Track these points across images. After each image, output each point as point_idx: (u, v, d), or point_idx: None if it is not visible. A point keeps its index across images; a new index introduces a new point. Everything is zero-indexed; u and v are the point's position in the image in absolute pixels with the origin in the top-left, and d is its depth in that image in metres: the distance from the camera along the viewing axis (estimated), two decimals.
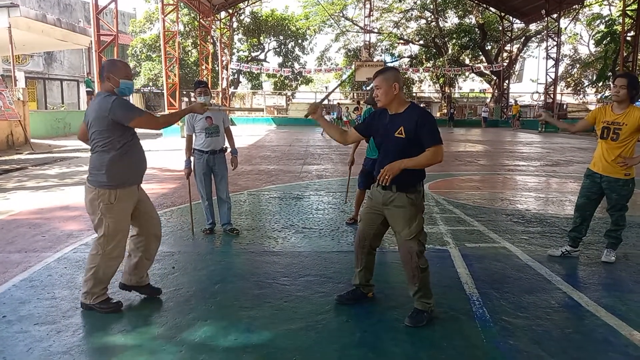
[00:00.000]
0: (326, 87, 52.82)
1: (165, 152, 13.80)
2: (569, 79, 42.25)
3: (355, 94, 38.44)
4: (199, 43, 29.73)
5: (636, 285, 3.84)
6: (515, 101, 33.24)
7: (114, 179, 3.13)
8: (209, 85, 5.22)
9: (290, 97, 40.01)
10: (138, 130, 3.32)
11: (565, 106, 32.99)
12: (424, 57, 41.13)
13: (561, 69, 35.68)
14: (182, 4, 26.86)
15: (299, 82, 42.92)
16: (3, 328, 3.00)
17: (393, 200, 3.06)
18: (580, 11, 34.64)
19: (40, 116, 19.70)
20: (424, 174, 3.12)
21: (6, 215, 6.05)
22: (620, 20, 22.18)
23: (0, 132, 13.86)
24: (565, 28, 34.98)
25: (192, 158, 5.17)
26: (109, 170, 3.11)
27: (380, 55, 41.54)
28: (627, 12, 20.86)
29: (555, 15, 28.97)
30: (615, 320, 3.19)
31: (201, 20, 28.27)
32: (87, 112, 3.21)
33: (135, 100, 35.32)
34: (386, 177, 2.94)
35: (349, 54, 41.78)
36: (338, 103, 31.24)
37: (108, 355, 2.73)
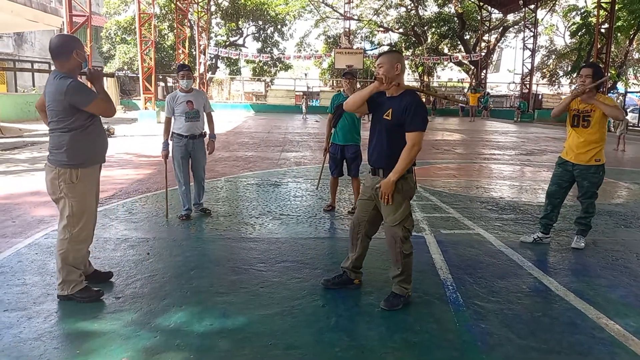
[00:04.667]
0: (305, 74, 52.53)
1: (141, 138, 13.55)
2: (544, 70, 42.89)
3: (334, 82, 38.33)
4: (175, 26, 29.08)
5: (604, 270, 3.96)
6: (474, 89, 32.29)
7: (74, 158, 3.06)
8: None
9: (269, 84, 39.63)
10: (115, 114, 3.24)
11: (540, 96, 33.53)
12: (403, 45, 41.14)
13: (537, 59, 36.20)
14: None
15: (278, 68, 42.50)
16: None
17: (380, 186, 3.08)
18: (556, 3, 35.12)
19: (10, 99, 19.11)
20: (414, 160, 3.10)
21: None
22: (595, 13, 22.56)
23: None
24: (542, 19, 35.43)
25: (169, 141, 5.09)
26: (69, 149, 3.04)
27: (360, 43, 41.43)
28: (602, 4, 21.22)
29: (532, 6, 29.34)
30: (583, 304, 3.29)
31: (178, 2, 27.65)
32: (45, 89, 3.10)
33: (110, 84, 34.51)
34: (386, 197, 3.00)
35: (328, 40, 41.49)
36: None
37: (80, 341, 2.69)
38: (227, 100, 35.07)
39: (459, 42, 39.14)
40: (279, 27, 40.86)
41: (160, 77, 34.93)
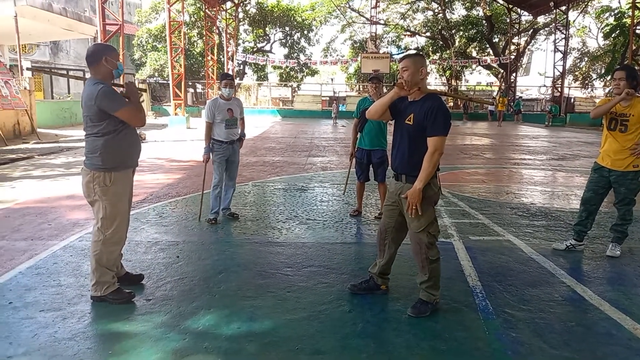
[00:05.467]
0: (332, 79, 52.64)
1: (171, 143, 13.82)
2: (576, 73, 41.89)
3: (361, 87, 38.29)
4: (204, 33, 29.63)
5: None
6: (502, 93, 32.40)
7: (108, 162, 3.16)
8: (215, 76, 5.27)
9: (296, 89, 39.90)
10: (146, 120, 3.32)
11: (572, 100, 32.72)
12: (430, 49, 40.85)
13: (569, 62, 35.44)
14: None
15: (305, 73, 42.77)
16: (9, 314, 3.03)
17: (403, 191, 3.06)
18: (589, 4, 34.23)
19: (47, 106, 19.76)
20: (437, 165, 3.05)
21: (12, 203, 6.09)
22: (630, 13, 21.90)
23: (7, 121, 13.92)
24: (574, 21, 34.61)
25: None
26: (103, 153, 3.14)
27: (387, 47, 41.34)
28: (637, 4, 20.59)
29: (563, 8, 28.68)
30: (618, 314, 3.18)
31: (207, 10, 28.18)
32: (82, 95, 3.21)
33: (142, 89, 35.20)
34: (413, 207, 2.96)
35: (354, 45, 41.55)
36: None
37: (112, 342, 2.76)
38: (255, 105, 35.45)
39: (487, 45, 38.60)
40: (305, 32, 41.17)
41: (190, 83, 35.63)
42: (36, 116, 15.72)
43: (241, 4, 35.34)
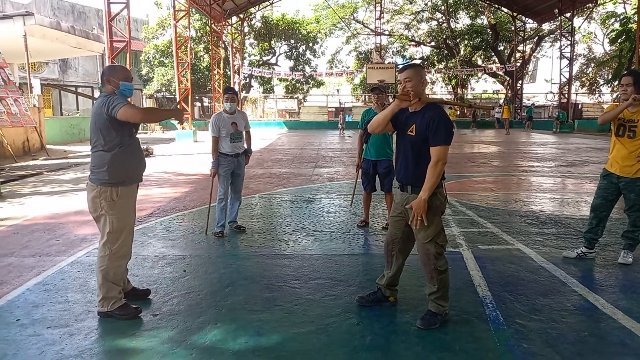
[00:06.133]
0: (337, 90, 52.87)
1: (178, 157, 13.90)
2: (583, 79, 41.73)
3: (366, 97, 38.40)
4: (210, 48, 29.93)
5: None
6: (507, 101, 32.67)
7: (115, 176, 3.19)
8: (221, 90, 5.32)
9: (302, 101, 40.09)
10: (152, 135, 3.35)
11: (580, 106, 32.55)
12: (435, 58, 40.96)
13: (575, 68, 35.34)
14: (193, 10, 27.09)
15: (310, 85, 43.01)
16: (17, 331, 3.03)
17: (409, 202, 3.03)
18: (594, 9, 34.20)
19: (56, 122, 20.00)
20: (442, 174, 3.00)
21: (21, 219, 6.13)
22: (636, 18, 21.83)
23: (16, 138, 14.09)
24: (579, 27, 34.60)
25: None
26: (110, 167, 3.17)
27: (392, 57, 41.51)
28: None
29: (568, 14, 28.66)
30: (632, 323, 3.11)
31: (213, 25, 28.49)
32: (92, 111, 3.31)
33: (149, 105, 35.63)
34: (418, 218, 2.93)
35: (360, 56, 41.77)
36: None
37: (119, 358, 2.74)
38: (261, 118, 35.67)
39: (492, 54, 38.63)
40: (310, 45, 41.49)
41: (197, 97, 35.92)
42: (45, 133, 15.90)
43: (246, 19, 35.72)
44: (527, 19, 33.56)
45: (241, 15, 33.53)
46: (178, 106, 3.43)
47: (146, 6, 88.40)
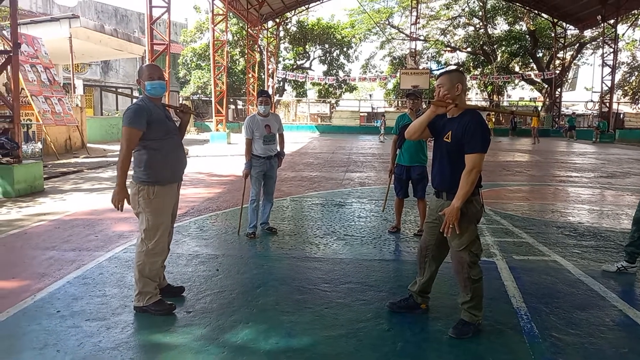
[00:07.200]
0: (370, 95, 52.72)
1: (212, 158, 14.14)
2: (626, 87, 40.23)
3: (399, 102, 38.14)
4: (246, 52, 30.37)
5: None
6: (537, 109, 32.08)
7: (152, 176, 3.30)
8: (256, 93, 5.41)
9: (334, 105, 40.16)
10: (186, 137, 3.45)
11: (622, 115, 31.41)
12: (471, 64, 40.31)
13: (618, 76, 34.10)
14: (231, 14, 27.56)
15: (343, 89, 43.05)
16: (57, 322, 3.15)
17: (443, 208, 3.00)
18: (639, 16, 32.99)
19: (96, 122, 20.67)
20: (479, 181, 2.96)
21: (63, 215, 6.37)
22: None
23: (59, 136, 14.66)
24: (623, 34, 33.38)
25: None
26: (147, 167, 3.29)
27: (426, 63, 41.10)
28: None
29: (612, 21, 27.74)
30: None
31: (249, 29, 28.90)
32: None
33: (186, 104, 36.21)
34: (450, 226, 2.90)
35: (394, 61, 41.53)
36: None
37: (154, 353, 2.81)
38: (294, 121, 35.90)
39: (530, 60, 37.74)
40: (344, 49, 41.52)
41: (232, 100, 36.49)
42: (86, 132, 16.47)
43: (282, 23, 36.08)
44: (568, 25, 32.66)
45: (277, 20, 33.87)
46: (183, 109, 3.58)
47: (185, 10, 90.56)
